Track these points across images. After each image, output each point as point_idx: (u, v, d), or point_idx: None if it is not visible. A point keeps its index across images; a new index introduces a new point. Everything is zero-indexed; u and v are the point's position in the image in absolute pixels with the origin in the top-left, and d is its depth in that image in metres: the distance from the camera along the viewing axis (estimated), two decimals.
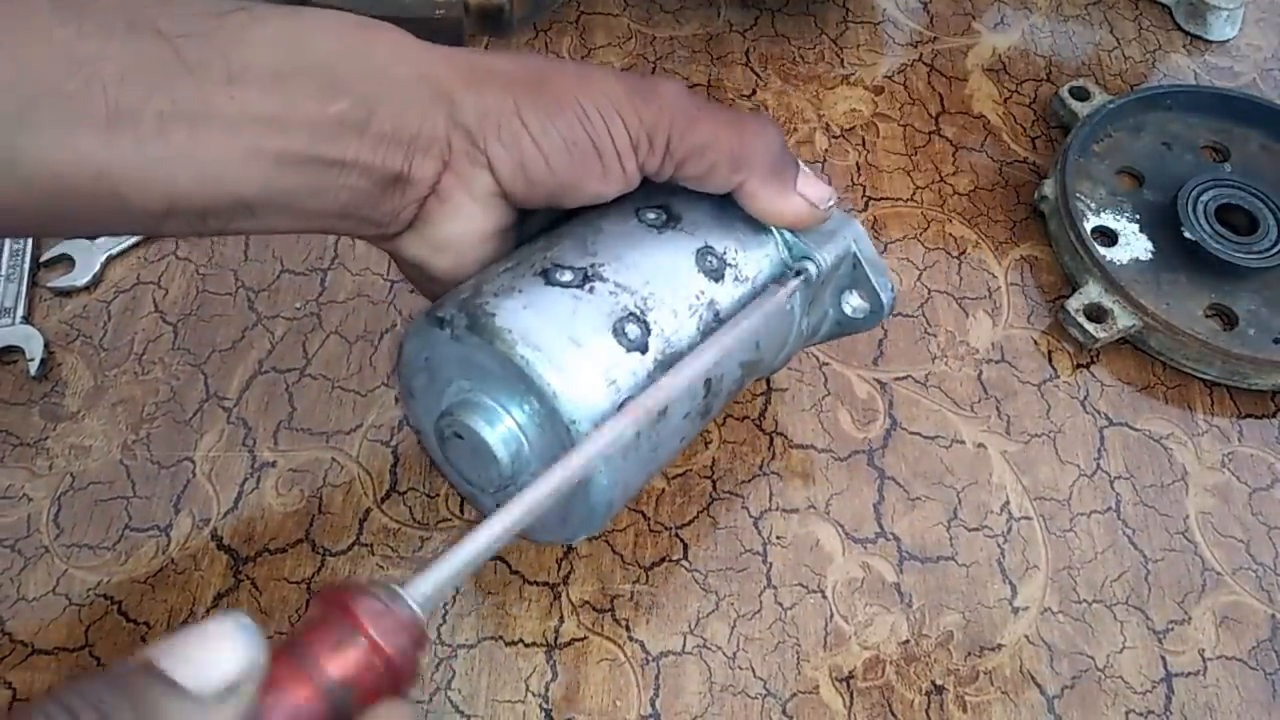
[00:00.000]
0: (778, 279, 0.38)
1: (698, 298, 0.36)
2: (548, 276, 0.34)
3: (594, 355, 0.33)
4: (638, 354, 0.34)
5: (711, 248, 0.37)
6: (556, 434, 0.32)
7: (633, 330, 0.34)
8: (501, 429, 0.33)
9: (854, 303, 0.41)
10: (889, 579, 0.42)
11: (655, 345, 0.34)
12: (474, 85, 0.32)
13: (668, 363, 0.34)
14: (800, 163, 0.37)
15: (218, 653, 0.21)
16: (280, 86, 0.29)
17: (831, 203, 0.37)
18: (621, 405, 0.32)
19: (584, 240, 0.36)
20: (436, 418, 0.35)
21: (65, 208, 0.29)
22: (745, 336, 0.36)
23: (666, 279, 0.35)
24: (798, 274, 0.38)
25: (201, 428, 0.44)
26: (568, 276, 0.34)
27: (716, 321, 0.36)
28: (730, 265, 0.37)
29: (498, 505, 0.29)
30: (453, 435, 0.34)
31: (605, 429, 0.31)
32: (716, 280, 0.37)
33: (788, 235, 0.38)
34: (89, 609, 0.40)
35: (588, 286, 0.34)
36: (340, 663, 0.23)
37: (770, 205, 0.36)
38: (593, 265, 0.35)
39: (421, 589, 0.25)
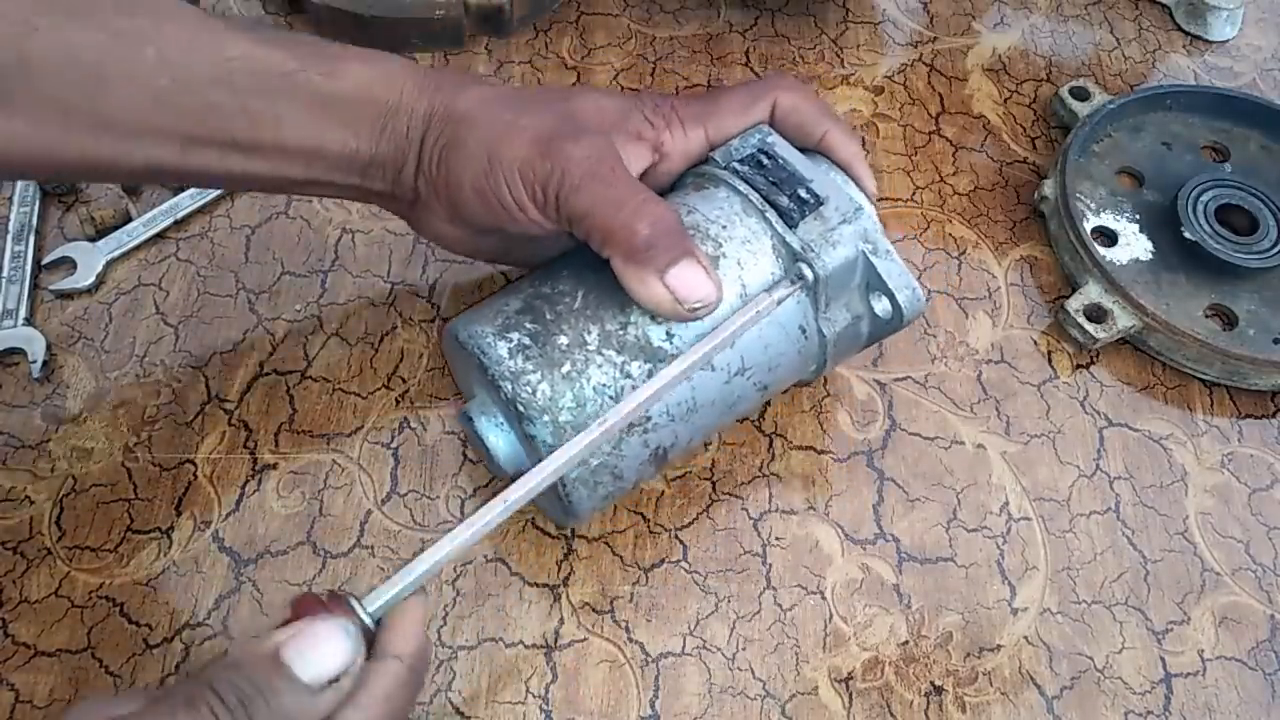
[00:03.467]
0: (772, 287, 0.37)
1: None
2: (540, 300, 0.37)
3: (572, 377, 0.35)
4: (621, 372, 0.36)
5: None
6: (534, 448, 0.36)
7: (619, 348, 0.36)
8: (498, 438, 0.37)
9: (881, 305, 0.38)
10: (888, 580, 0.42)
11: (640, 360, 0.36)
12: (436, 123, 0.37)
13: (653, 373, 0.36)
14: (697, 255, 0.35)
15: (327, 651, 0.28)
16: (318, 128, 0.37)
17: (701, 305, 0.35)
18: (595, 419, 0.35)
19: (578, 268, 0.38)
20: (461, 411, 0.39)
21: None
22: (716, 351, 0.36)
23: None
24: (799, 278, 0.37)
25: (203, 430, 0.45)
26: (560, 306, 0.36)
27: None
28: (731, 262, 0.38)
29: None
30: (470, 428, 0.38)
31: (568, 447, 0.34)
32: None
33: (789, 237, 0.37)
34: (91, 611, 0.40)
35: (575, 308, 0.36)
36: None
37: (629, 286, 0.35)
38: (582, 294, 0.37)
39: (377, 602, 0.31)
